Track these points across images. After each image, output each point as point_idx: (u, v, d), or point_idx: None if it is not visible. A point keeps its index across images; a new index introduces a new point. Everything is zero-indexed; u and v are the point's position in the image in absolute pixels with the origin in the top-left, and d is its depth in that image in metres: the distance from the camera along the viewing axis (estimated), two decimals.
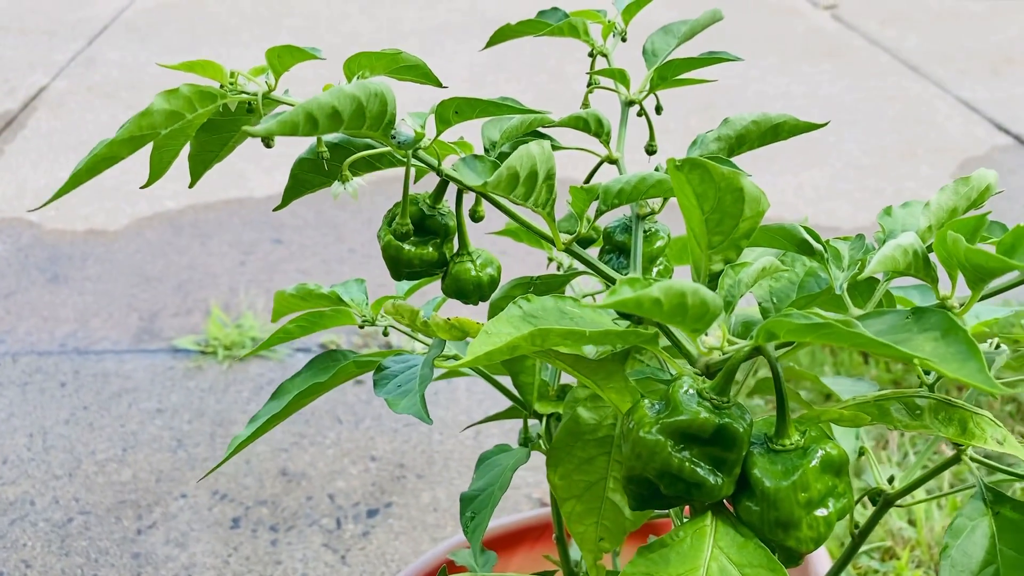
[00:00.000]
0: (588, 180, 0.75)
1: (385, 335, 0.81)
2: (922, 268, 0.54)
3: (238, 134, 0.65)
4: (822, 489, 0.59)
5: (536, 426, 0.89)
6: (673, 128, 3.20)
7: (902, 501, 0.79)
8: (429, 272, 0.69)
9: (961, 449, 0.68)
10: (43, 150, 3.17)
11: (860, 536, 0.78)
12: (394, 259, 0.66)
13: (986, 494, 0.63)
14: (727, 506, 0.63)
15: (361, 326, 0.79)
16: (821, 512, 0.59)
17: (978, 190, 0.63)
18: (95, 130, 3.30)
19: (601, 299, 0.44)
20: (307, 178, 0.68)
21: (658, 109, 0.79)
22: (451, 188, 0.67)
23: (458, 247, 0.68)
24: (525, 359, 0.82)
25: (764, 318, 0.71)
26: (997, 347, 0.79)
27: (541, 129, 0.77)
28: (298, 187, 0.69)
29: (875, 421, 0.63)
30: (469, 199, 0.69)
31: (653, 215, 0.73)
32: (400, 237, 0.63)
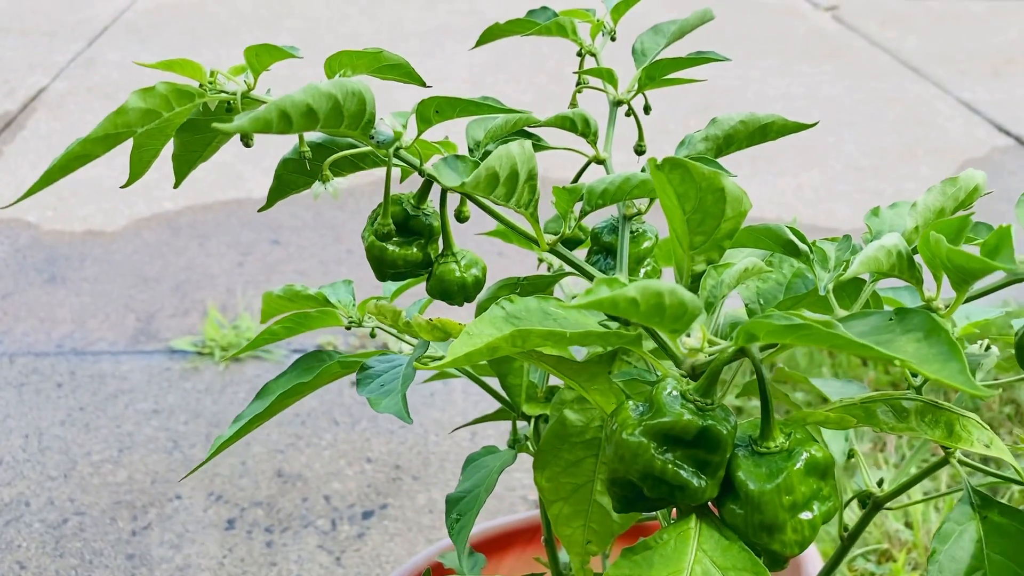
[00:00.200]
0: (576, 181, 0.75)
1: (372, 336, 0.81)
2: (906, 269, 0.54)
3: (222, 135, 0.64)
4: (807, 492, 0.59)
5: (526, 428, 0.89)
6: (672, 129, 3.19)
7: (896, 503, 0.79)
8: (414, 273, 0.68)
9: (949, 452, 0.67)
10: (42, 151, 3.17)
11: (849, 539, 0.77)
12: (378, 259, 0.66)
13: (973, 498, 0.62)
14: (712, 509, 0.62)
15: (348, 327, 0.78)
16: (806, 515, 0.59)
17: (966, 190, 0.63)
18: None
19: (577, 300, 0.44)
20: (291, 178, 0.68)
21: (646, 109, 0.79)
22: (436, 188, 0.66)
23: (443, 248, 0.68)
24: (512, 361, 0.81)
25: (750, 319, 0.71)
26: (987, 348, 0.79)
27: (529, 129, 0.76)
28: (282, 187, 0.69)
29: (861, 423, 0.62)
30: (454, 199, 0.69)
31: (640, 216, 0.72)
32: (382, 237, 0.63)
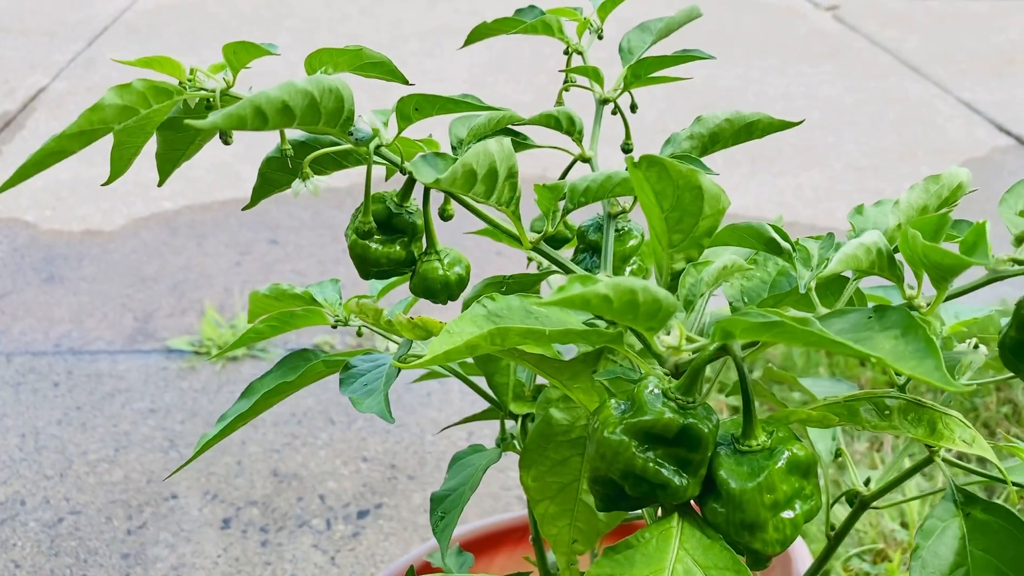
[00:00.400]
0: (563, 179, 0.75)
1: (359, 335, 0.81)
2: (886, 267, 0.54)
3: (204, 133, 0.64)
4: (788, 491, 0.59)
5: (515, 427, 0.89)
6: (672, 128, 3.18)
7: (885, 501, 0.79)
8: (398, 271, 0.68)
9: (934, 450, 0.67)
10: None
11: (836, 538, 0.77)
12: (361, 258, 0.66)
13: (957, 495, 0.62)
14: (695, 508, 0.62)
15: (334, 326, 0.78)
16: (787, 514, 0.59)
17: (949, 188, 0.63)
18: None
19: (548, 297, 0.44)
20: (275, 176, 0.68)
21: (633, 107, 0.79)
22: (420, 186, 0.66)
23: (426, 246, 0.67)
24: (499, 359, 0.81)
25: None
26: (976, 347, 0.79)
27: (516, 128, 0.76)
28: (266, 186, 0.69)
29: (843, 422, 0.62)
30: (438, 198, 0.69)
31: (625, 214, 0.72)
32: (364, 235, 0.63)
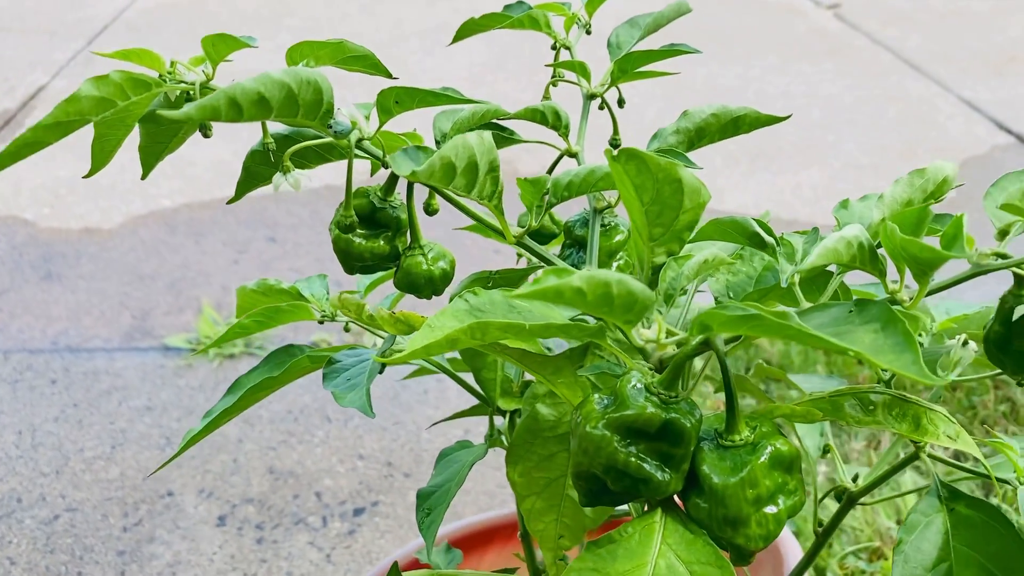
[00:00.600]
0: (550, 174, 0.74)
1: (347, 330, 0.81)
2: (868, 261, 0.54)
3: (186, 126, 0.64)
4: (771, 486, 0.58)
5: (504, 423, 0.89)
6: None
7: (873, 496, 0.79)
8: (382, 266, 0.68)
9: (919, 446, 0.67)
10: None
11: (824, 534, 0.77)
12: (345, 252, 0.66)
13: (941, 490, 0.62)
14: (678, 503, 0.62)
15: (321, 321, 0.78)
16: (770, 509, 0.59)
17: (935, 182, 0.62)
18: (91, 130, 3.30)
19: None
20: (259, 170, 0.68)
21: (620, 102, 0.79)
22: (404, 181, 0.66)
23: (410, 240, 0.67)
24: (486, 355, 0.81)
25: None
26: (965, 343, 0.78)
27: (502, 123, 0.76)
28: (250, 180, 0.69)
29: (828, 417, 0.62)
30: (422, 192, 0.68)
31: (611, 209, 0.72)
32: (346, 229, 0.62)
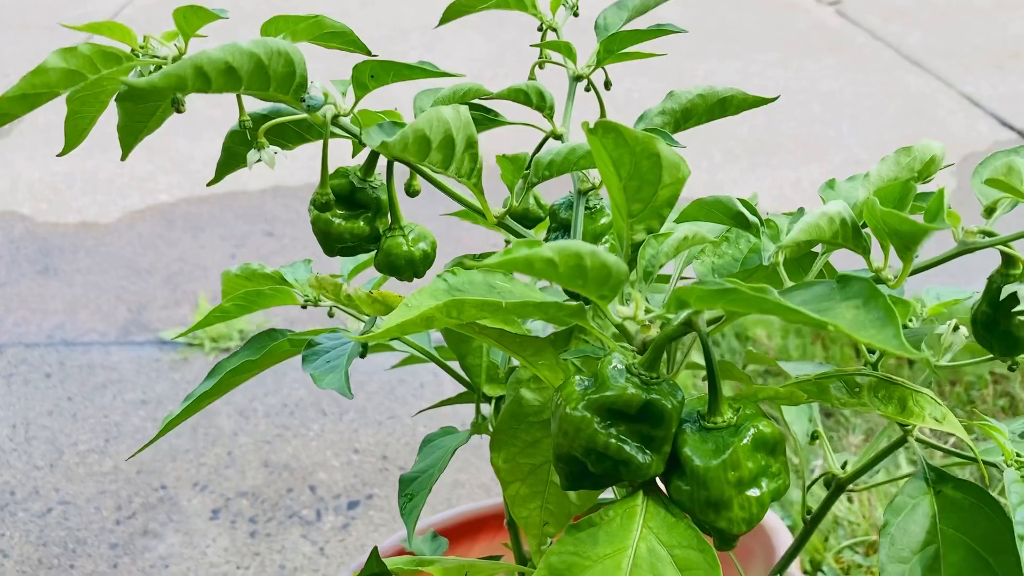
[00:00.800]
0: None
1: (331, 315, 0.80)
2: (851, 237, 0.53)
3: (164, 104, 0.63)
4: (754, 468, 0.57)
5: (490, 410, 0.88)
6: None
7: (861, 483, 0.78)
8: (363, 248, 0.67)
9: (907, 429, 0.66)
10: (38, 144, 3.17)
11: (812, 522, 0.76)
12: (324, 233, 0.65)
13: (928, 473, 0.61)
14: (661, 487, 0.61)
15: (304, 306, 0.77)
16: (753, 492, 0.58)
17: (922, 161, 0.62)
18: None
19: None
20: (239, 150, 0.67)
21: (607, 84, 0.78)
22: (384, 160, 0.65)
23: (390, 221, 0.66)
24: (471, 340, 0.80)
25: None
26: (956, 329, 0.77)
27: (486, 104, 0.75)
28: (230, 160, 0.68)
29: (812, 399, 0.61)
30: (404, 174, 0.68)
31: (595, 190, 0.71)
32: (322, 207, 0.62)
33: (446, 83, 0.69)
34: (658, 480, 0.61)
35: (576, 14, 0.81)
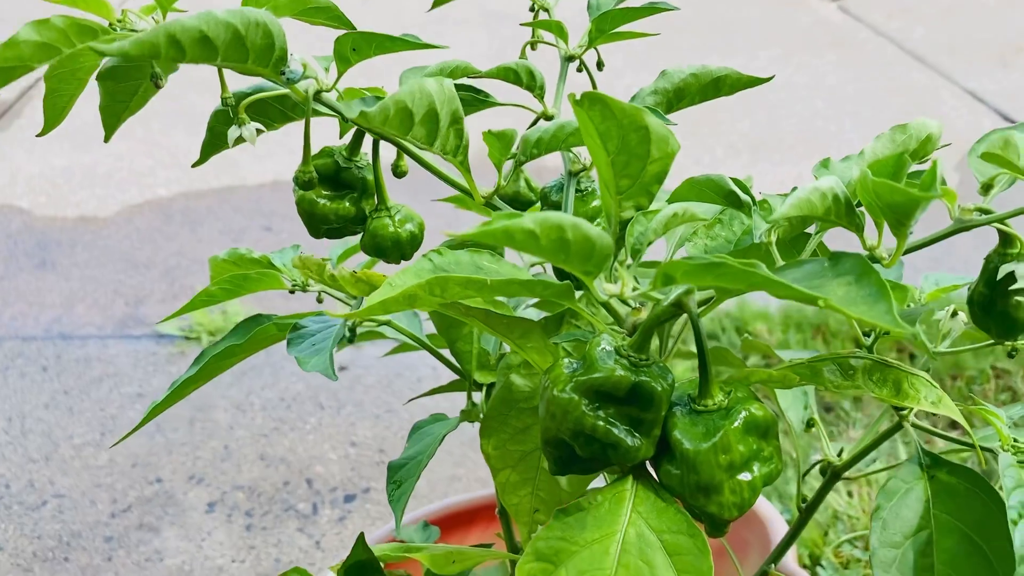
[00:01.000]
0: None
1: (319, 301, 0.79)
2: (844, 214, 0.51)
3: (146, 83, 0.62)
4: (745, 452, 0.56)
5: (481, 397, 0.87)
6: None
7: (856, 471, 0.77)
8: (349, 229, 0.66)
9: (903, 414, 0.65)
10: (37, 139, 3.16)
11: (807, 510, 0.75)
12: (309, 214, 0.64)
13: (923, 458, 0.59)
14: (651, 471, 0.60)
15: (291, 291, 0.76)
16: (744, 476, 0.56)
17: (917, 139, 0.60)
18: (90, 118, 3.29)
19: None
20: (223, 130, 0.66)
21: (599, 65, 0.76)
22: (370, 140, 0.64)
23: (377, 202, 0.65)
24: (461, 326, 0.79)
25: None
26: (954, 314, 0.76)
27: (475, 84, 0.74)
28: (215, 141, 0.67)
29: (805, 382, 0.60)
30: (391, 154, 0.66)
31: (587, 172, 0.70)
32: (304, 186, 0.60)
33: (435, 62, 0.68)
34: (648, 465, 0.60)
35: None
